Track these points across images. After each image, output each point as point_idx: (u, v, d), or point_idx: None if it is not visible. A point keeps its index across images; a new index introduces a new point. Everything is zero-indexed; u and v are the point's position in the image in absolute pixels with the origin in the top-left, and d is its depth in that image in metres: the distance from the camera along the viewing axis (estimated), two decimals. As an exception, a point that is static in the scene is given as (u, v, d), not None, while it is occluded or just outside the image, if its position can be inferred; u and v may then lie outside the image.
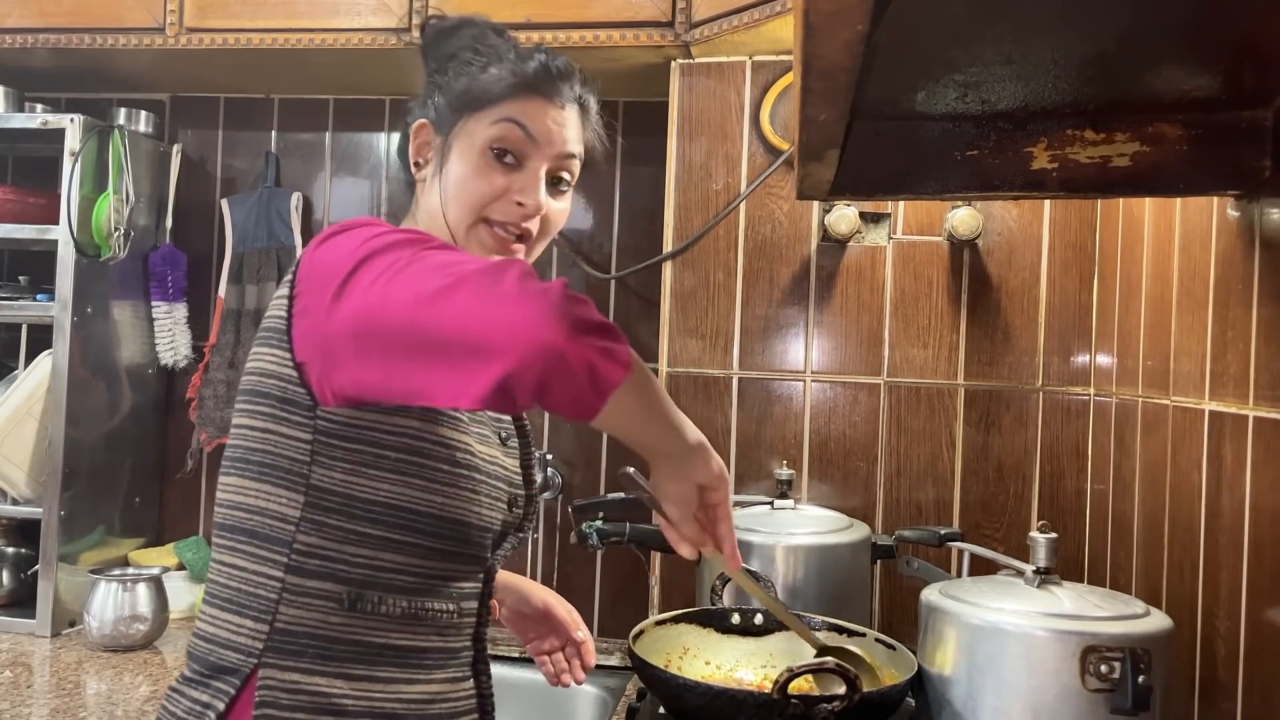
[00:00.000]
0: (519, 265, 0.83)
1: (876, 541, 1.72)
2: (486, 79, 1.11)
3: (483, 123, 1.09)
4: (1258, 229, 1.15)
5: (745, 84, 1.98)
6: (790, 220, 1.97)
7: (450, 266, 0.84)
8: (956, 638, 1.20)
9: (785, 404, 1.96)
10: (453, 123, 1.11)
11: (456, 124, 1.11)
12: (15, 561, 2.23)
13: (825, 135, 0.96)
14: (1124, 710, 1.09)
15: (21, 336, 2.21)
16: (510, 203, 1.09)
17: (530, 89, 1.10)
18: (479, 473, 1.05)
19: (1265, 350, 1.12)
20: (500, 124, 1.08)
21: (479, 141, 1.09)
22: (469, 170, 1.09)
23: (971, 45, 0.90)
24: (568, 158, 1.13)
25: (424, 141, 1.14)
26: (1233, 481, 1.18)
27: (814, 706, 1.09)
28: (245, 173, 2.44)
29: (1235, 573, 1.18)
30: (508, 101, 1.09)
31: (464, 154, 1.10)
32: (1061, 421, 1.88)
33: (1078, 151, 1.16)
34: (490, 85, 1.10)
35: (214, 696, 0.98)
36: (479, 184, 1.09)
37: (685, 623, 1.40)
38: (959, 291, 1.91)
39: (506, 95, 1.09)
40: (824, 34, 0.67)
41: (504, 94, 1.10)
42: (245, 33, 2.06)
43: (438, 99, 1.13)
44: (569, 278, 2.31)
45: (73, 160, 2.11)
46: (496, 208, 1.09)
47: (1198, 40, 0.92)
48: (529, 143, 1.09)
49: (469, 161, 1.09)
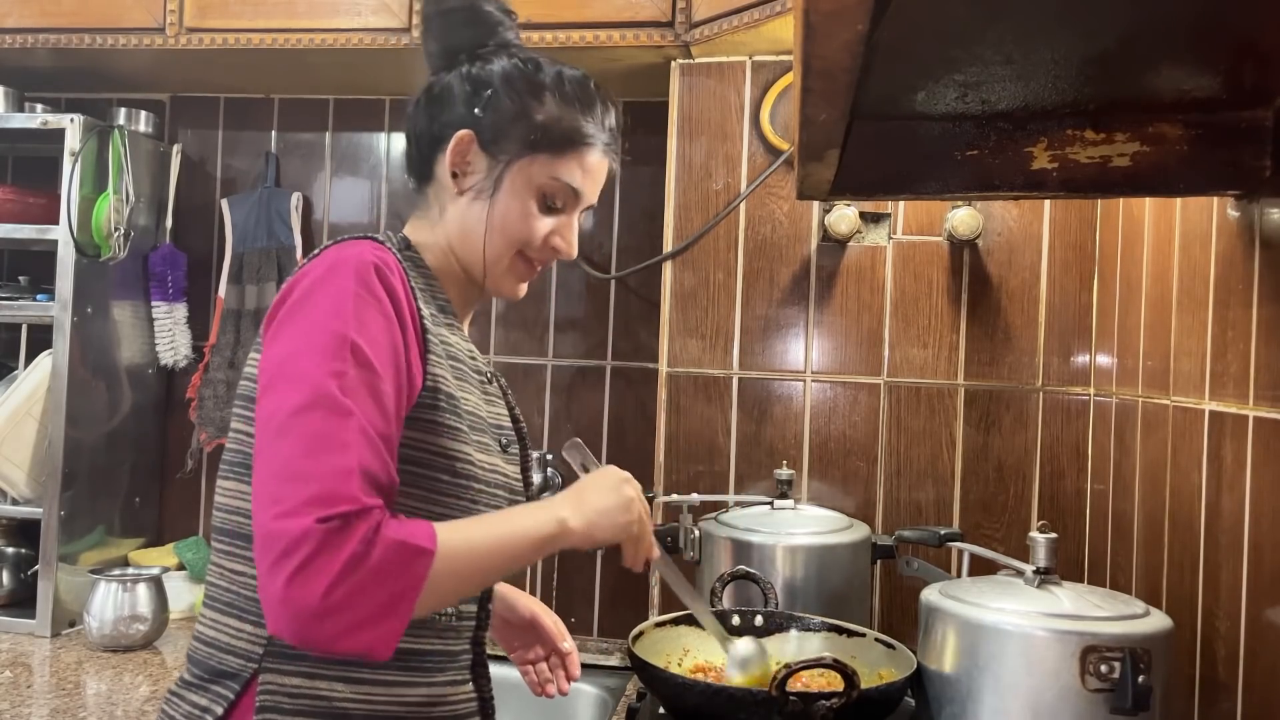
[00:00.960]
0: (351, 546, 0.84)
1: (876, 542, 1.72)
2: (558, 127, 1.10)
3: (543, 169, 1.10)
4: (1258, 229, 1.15)
5: (745, 84, 1.98)
6: (790, 220, 1.96)
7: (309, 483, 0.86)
8: (956, 638, 1.20)
9: (785, 404, 1.95)
10: (512, 154, 1.10)
11: (517, 158, 1.10)
12: (15, 561, 2.23)
13: (825, 135, 0.96)
14: (1124, 710, 1.09)
15: (21, 336, 2.21)
16: (548, 246, 1.13)
17: (593, 147, 1.12)
18: (478, 482, 1.05)
19: (1265, 350, 1.12)
20: (558, 182, 1.10)
21: (534, 185, 1.10)
22: (519, 210, 1.10)
23: (971, 45, 0.90)
24: (589, 207, 1.17)
25: (467, 154, 1.11)
26: (1233, 481, 1.18)
27: (813, 704, 1.09)
28: (245, 173, 2.44)
29: (1235, 573, 1.18)
30: (573, 156, 1.11)
31: (517, 192, 1.10)
32: (1062, 421, 1.87)
33: (1078, 151, 1.16)
34: (561, 135, 1.10)
35: (213, 701, 0.98)
36: (528, 227, 1.11)
37: (685, 624, 1.40)
38: (959, 291, 1.91)
39: (575, 150, 1.11)
40: (824, 34, 0.67)
41: (573, 148, 1.11)
42: (245, 33, 2.06)
43: (489, 117, 1.10)
44: (569, 278, 2.32)
45: (73, 160, 2.11)
46: (535, 248, 1.13)
47: (1198, 40, 0.92)
48: (577, 198, 1.13)
49: (521, 201, 1.10)
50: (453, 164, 1.11)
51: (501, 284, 1.14)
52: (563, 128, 1.10)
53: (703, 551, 1.71)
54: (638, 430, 2.27)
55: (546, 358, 2.34)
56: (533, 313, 2.34)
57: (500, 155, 1.10)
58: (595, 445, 2.31)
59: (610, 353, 2.31)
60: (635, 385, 2.29)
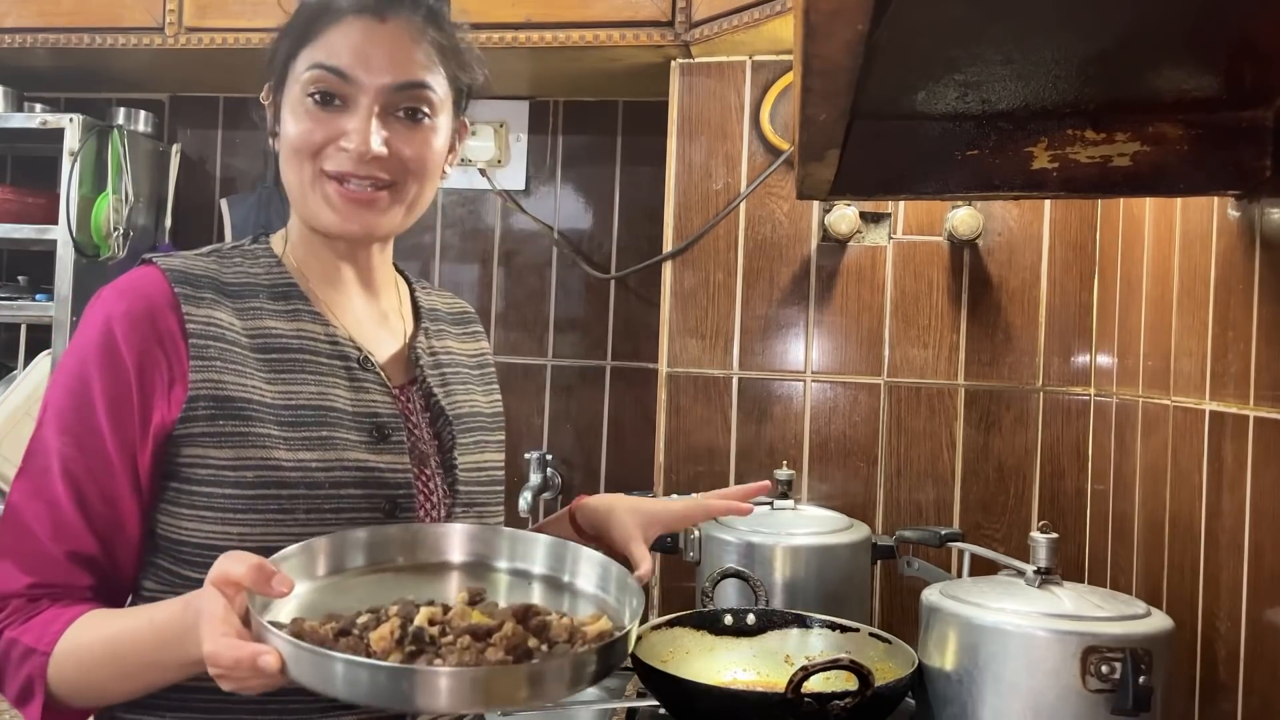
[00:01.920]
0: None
1: (877, 542, 1.72)
2: (299, 17, 1.01)
3: (300, 67, 1.00)
4: (1258, 229, 1.15)
5: (745, 84, 1.98)
6: (790, 220, 1.96)
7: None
8: (957, 638, 1.20)
9: (785, 404, 1.95)
10: (281, 76, 1.02)
11: (285, 76, 1.02)
12: (14, 562, 2.22)
13: (825, 135, 0.96)
14: (1124, 711, 1.09)
15: (20, 336, 2.21)
16: (337, 150, 0.98)
17: (338, 13, 0.99)
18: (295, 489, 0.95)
19: (1266, 350, 1.12)
20: (312, 70, 0.98)
21: (299, 87, 1.00)
22: (293, 120, 1.00)
23: (972, 45, 0.90)
24: (406, 89, 1.00)
25: (271, 105, 1.05)
26: (1233, 482, 1.18)
27: (827, 704, 1.09)
28: (244, 172, 2.44)
29: (1236, 573, 1.17)
30: (321, 35, 0.99)
31: (292, 105, 1.01)
32: (1062, 422, 1.87)
33: (1078, 151, 1.16)
34: (301, 19, 1.00)
35: None
36: (301, 132, 0.99)
37: (680, 626, 1.40)
38: (959, 291, 1.91)
39: (318, 26, 0.99)
40: (824, 33, 0.67)
41: (315, 26, 0.99)
42: (245, 32, 2.06)
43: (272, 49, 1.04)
44: (569, 278, 2.32)
45: (72, 160, 2.10)
46: (327, 158, 0.99)
47: (1198, 40, 0.92)
48: (344, 81, 0.98)
49: (294, 112, 1.00)
50: (270, 125, 1.06)
51: (316, 214, 1.01)
52: (303, 14, 1.00)
53: (703, 552, 1.71)
54: (637, 430, 2.27)
55: (546, 358, 2.33)
56: (532, 313, 2.34)
57: (277, 84, 1.03)
58: (595, 445, 2.31)
59: (610, 353, 2.31)
60: (635, 385, 2.29)
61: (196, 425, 0.95)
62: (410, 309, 1.17)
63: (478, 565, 0.99)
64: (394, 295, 1.15)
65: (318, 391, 0.99)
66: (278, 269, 1.05)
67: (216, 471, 0.94)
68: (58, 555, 0.94)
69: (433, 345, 1.14)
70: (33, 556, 0.94)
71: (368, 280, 1.10)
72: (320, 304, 1.05)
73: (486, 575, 0.99)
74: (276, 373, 0.99)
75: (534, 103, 2.34)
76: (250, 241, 1.09)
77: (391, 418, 1.03)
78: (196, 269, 1.01)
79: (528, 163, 2.35)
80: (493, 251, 2.38)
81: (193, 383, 0.95)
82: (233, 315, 1.00)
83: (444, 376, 1.12)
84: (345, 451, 0.98)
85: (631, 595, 0.90)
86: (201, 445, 0.95)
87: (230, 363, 0.97)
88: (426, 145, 1.02)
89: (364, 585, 0.92)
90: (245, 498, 0.94)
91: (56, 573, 0.94)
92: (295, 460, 0.96)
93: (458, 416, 1.10)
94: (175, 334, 0.96)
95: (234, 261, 1.05)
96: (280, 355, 1.00)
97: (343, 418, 1.00)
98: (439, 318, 1.19)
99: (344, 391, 1.01)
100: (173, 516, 0.97)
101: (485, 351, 1.25)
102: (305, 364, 1.00)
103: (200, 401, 0.95)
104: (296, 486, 0.95)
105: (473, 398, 1.16)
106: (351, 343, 1.04)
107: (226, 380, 0.96)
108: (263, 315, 1.01)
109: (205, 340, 0.97)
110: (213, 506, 0.95)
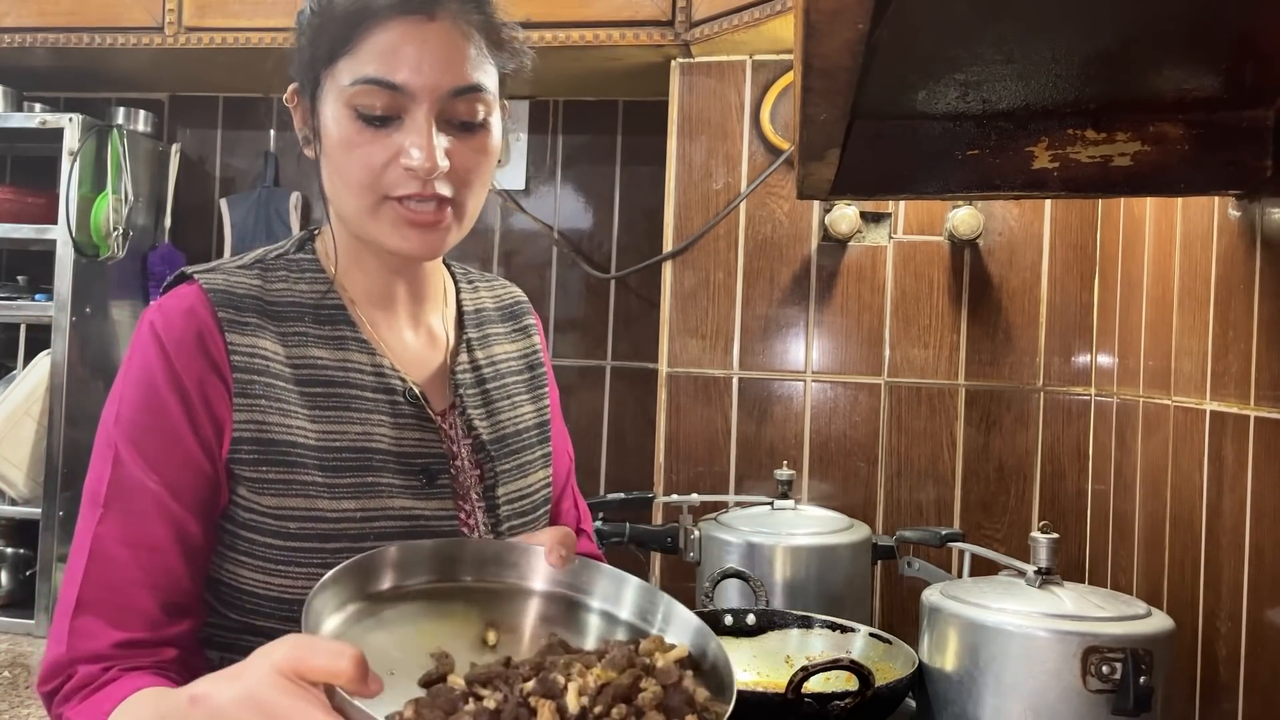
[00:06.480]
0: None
1: (877, 542, 1.72)
2: (334, 21, 0.90)
3: (343, 79, 0.90)
4: (1259, 229, 1.15)
5: (745, 83, 1.98)
6: (790, 220, 1.96)
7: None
8: (957, 638, 1.20)
9: (785, 404, 1.95)
10: (315, 82, 0.93)
11: (320, 83, 0.92)
12: (14, 562, 2.22)
13: (826, 135, 0.96)
14: (1125, 711, 1.09)
15: (20, 336, 2.21)
16: (399, 171, 0.90)
17: (381, 12, 0.89)
18: (336, 540, 0.90)
19: (1266, 350, 1.12)
20: (360, 85, 0.89)
21: (342, 102, 0.90)
22: (341, 143, 0.91)
23: (972, 44, 0.90)
24: (463, 94, 0.91)
25: (297, 108, 0.98)
26: (1234, 482, 1.18)
27: (828, 704, 1.09)
28: (244, 172, 2.44)
29: (1236, 573, 1.17)
30: (364, 40, 0.89)
31: (337, 121, 0.91)
32: (1062, 422, 1.87)
33: (1079, 151, 1.15)
34: (336, 21, 0.90)
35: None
36: (356, 161, 0.90)
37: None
38: (960, 291, 1.91)
39: (359, 29, 0.89)
40: (824, 33, 0.67)
41: (355, 28, 0.89)
42: (245, 32, 2.06)
43: (296, 58, 0.95)
44: (569, 278, 2.32)
45: (71, 160, 2.10)
46: (388, 178, 0.91)
47: (1199, 40, 0.92)
48: (398, 94, 0.89)
49: (340, 130, 0.91)
50: (299, 128, 0.98)
51: (377, 238, 0.94)
52: (338, 16, 0.90)
53: (703, 552, 1.71)
54: (638, 430, 2.26)
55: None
56: (532, 312, 2.34)
57: (308, 88, 0.94)
58: (595, 445, 2.31)
59: (610, 353, 2.31)
60: (635, 385, 2.29)
61: (241, 468, 0.90)
62: (455, 314, 1.10)
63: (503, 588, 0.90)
64: (440, 301, 1.08)
65: (362, 432, 0.94)
66: (323, 285, 0.99)
67: (258, 518, 0.90)
68: (151, 607, 0.87)
69: (476, 359, 1.08)
70: (125, 611, 0.86)
71: (418, 294, 1.04)
72: (366, 329, 0.99)
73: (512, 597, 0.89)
74: (320, 409, 0.94)
75: (534, 102, 2.34)
76: (295, 249, 1.01)
77: (437, 460, 0.98)
78: (240, 288, 0.95)
79: (528, 162, 2.35)
80: (493, 251, 2.38)
81: (237, 423, 0.90)
82: (277, 342, 0.94)
83: (486, 395, 1.06)
84: (390, 500, 0.94)
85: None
86: (244, 486, 0.91)
87: (274, 400, 0.92)
88: (483, 152, 0.96)
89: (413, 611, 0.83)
90: (286, 549, 0.90)
91: (148, 626, 0.86)
92: (339, 511, 0.91)
93: (501, 439, 1.05)
94: (223, 365, 0.91)
95: (278, 276, 0.98)
96: (324, 390, 0.94)
97: (387, 461, 0.95)
98: (485, 319, 1.12)
99: (388, 430, 0.96)
100: (216, 555, 0.93)
101: (536, 349, 1.16)
102: (350, 400, 0.95)
103: (244, 445, 0.90)
104: (339, 540, 0.90)
105: (518, 411, 1.09)
106: (396, 373, 0.98)
107: (271, 422, 0.91)
108: (307, 342, 0.95)
109: (250, 375, 0.91)
110: (253, 554, 0.91)
